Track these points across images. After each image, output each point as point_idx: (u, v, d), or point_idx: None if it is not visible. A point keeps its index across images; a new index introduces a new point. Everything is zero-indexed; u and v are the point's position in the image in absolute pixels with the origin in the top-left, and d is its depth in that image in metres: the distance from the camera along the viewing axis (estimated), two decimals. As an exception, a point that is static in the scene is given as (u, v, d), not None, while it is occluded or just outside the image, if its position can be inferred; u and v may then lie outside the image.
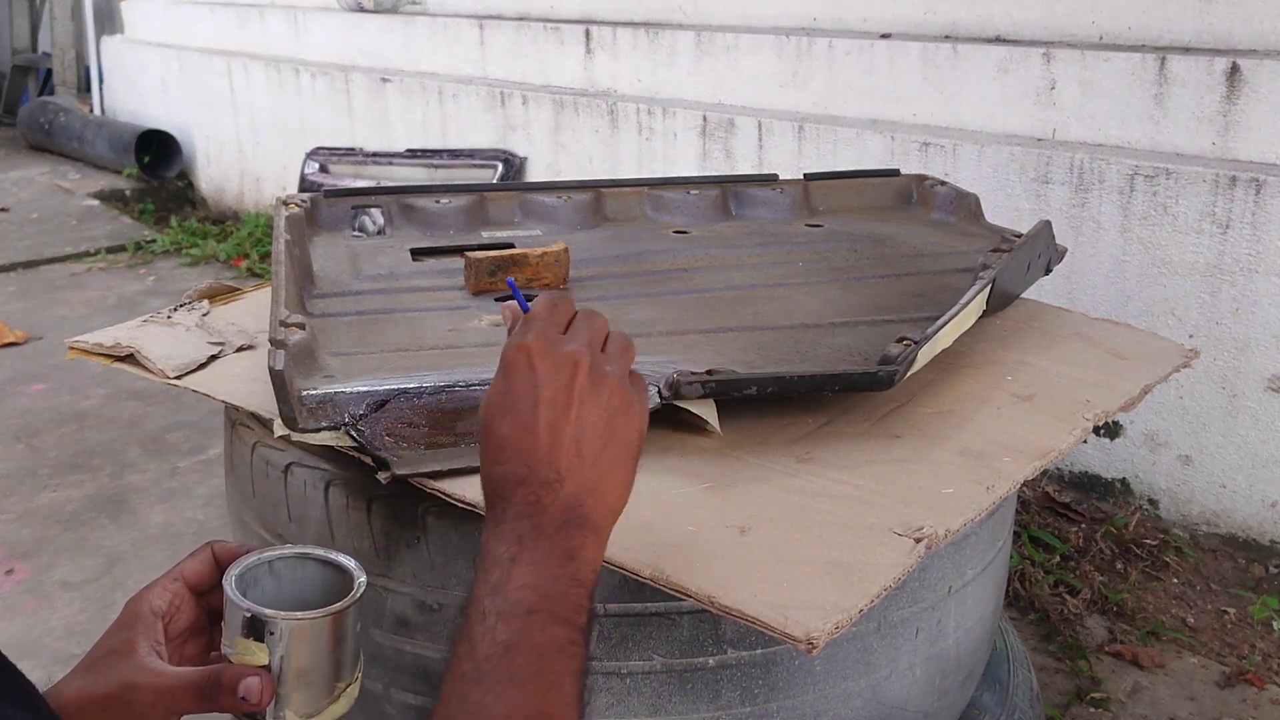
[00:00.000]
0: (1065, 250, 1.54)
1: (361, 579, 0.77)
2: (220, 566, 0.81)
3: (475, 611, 0.65)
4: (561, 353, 0.72)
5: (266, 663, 0.74)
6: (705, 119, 3.17)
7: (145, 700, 0.74)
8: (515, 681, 0.61)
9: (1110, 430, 2.46)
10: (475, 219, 1.58)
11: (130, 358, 1.22)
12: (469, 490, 0.93)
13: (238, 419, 1.19)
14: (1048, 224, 1.45)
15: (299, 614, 0.74)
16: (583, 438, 0.71)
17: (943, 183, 1.72)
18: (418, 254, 1.45)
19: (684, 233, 1.57)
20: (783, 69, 3.10)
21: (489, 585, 0.66)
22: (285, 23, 5.08)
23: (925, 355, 1.11)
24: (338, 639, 0.76)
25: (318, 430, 0.99)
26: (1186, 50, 2.40)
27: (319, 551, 0.80)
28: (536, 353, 0.72)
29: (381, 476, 0.96)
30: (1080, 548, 2.33)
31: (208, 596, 0.81)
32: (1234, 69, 2.26)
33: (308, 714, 0.76)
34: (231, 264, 4.66)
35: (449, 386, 1.02)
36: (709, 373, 1.03)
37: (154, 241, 5.01)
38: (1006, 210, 2.51)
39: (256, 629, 0.74)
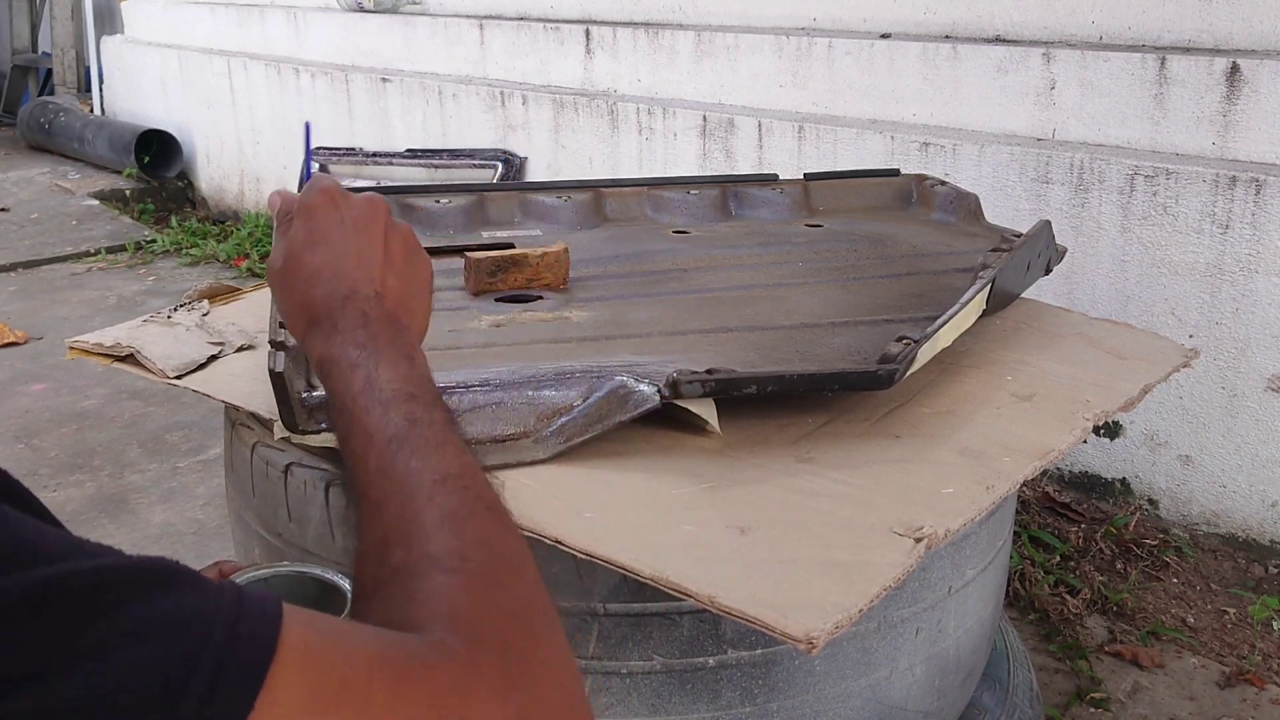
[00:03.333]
0: (1065, 250, 1.54)
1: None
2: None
3: (356, 409, 0.66)
4: (360, 197, 0.78)
5: None
6: (705, 119, 3.17)
7: None
8: (431, 447, 0.63)
9: (1110, 430, 2.46)
10: (475, 219, 1.58)
11: (130, 358, 1.22)
12: (469, 490, 0.93)
13: (238, 419, 1.19)
14: (1048, 224, 1.45)
15: None
16: (391, 261, 0.75)
17: (943, 183, 1.71)
18: (418, 254, 1.45)
19: (684, 233, 1.57)
20: (783, 69, 3.10)
21: (359, 384, 0.67)
22: (285, 22, 5.08)
23: (925, 355, 1.10)
24: None
25: (318, 431, 0.99)
26: (1186, 50, 2.40)
27: (316, 570, 0.80)
28: (338, 194, 0.77)
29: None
30: (1080, 548, 2.33)
31: None
32: (1234, 69, 2.26)
33: None
34: (231, 264, 4.66)
35: (449, 387, 1.02)
36: (709, 372, 1.03)
37: (154, 241, 5.01)
38: (1006, 210, 2.51)
39: None
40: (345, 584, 0.79)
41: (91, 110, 6.58)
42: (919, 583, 1.07)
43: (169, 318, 1.33)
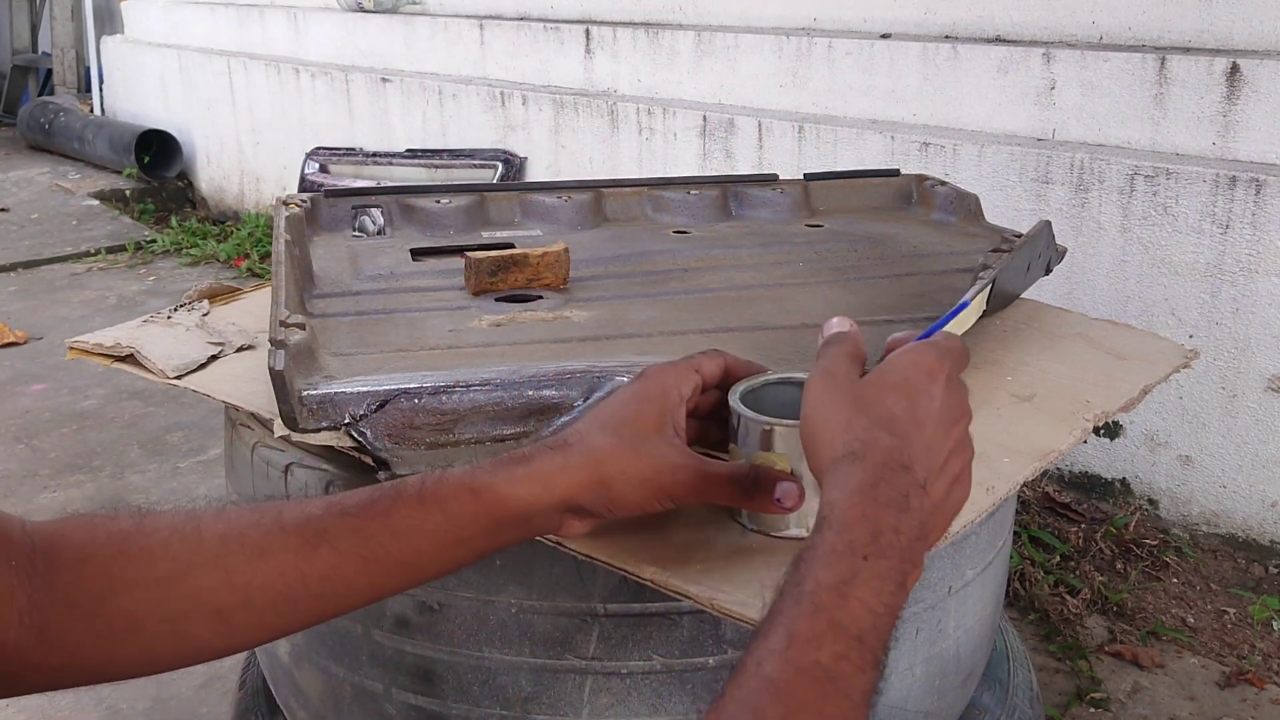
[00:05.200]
0: (1065, 250, 1.54)
1: None
2: (729, 376, 0.84)
3: (814, 588, 0.57)
4: (963, 397, 0.71)
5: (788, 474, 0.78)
6: (705, 119, 3.18)
7: (683, 481, 0.75)
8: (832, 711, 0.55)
9: (1110, 430, 2.46)
10: (475, 219, 1.58)
11: (130, 358, 1.21)
12: (469, 490, 0.93)
13: (238, 419, 1.19)
14: (1048, 224, 1.44)
15: None
16: (947, 468, 0.68)
17: (943, 183, 1.71)
18: (418, 254, 1.45)
19: (684, 233, 1.57)
20: (783, 69, 3.10)
21: (837, 573, 0.58)
22: (285, 23, 5.08)
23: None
24: None
25: (318, 430, 0.99)
26: (1186, 50, 2.40)
27: (799, 375, 0.84)
28: (949, 377, 0.70)
29: (381, 476, 0.96)
30: (1080, 548, 2.33)
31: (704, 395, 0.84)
32: (1234, 69, 2.27)
33: None
34: (231, 264, 4.66)
35: (449, 386, 1.02)
36: (709, 373, 1.03)
37: (154, 241, 5.01)
38: (1006, 210, 2.51)
39: (776, 442, 0.77)
40: None
41: (91, 110, 6.58)
42: (919, 583, 1.07)
43: (169, 318, 1.33)
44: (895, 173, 1.77)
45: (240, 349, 1.24)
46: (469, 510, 0.72)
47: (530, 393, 1.01)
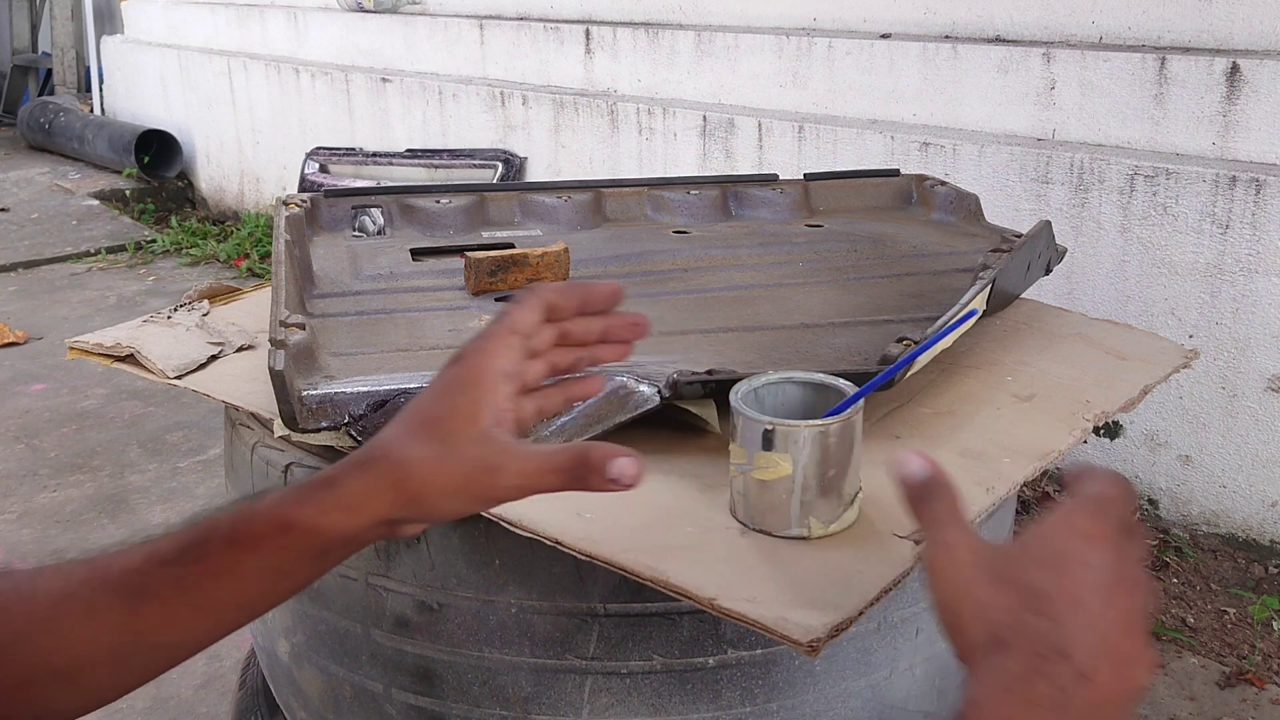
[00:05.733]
0: (1065, 250, 1.54)
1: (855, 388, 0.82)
2: (554, 313, 0.72)
3: None
4: (1134, 561, 0.60)
5: (790, 473, 0.78)
6: (705, 119, 3.18)
7: (501, 484, 0.67)
8: None
9: (1110, 430, 2.46)
10: (475, 219, 1.58)
11: (130, 358, 1.22)
12: (469, 490, 0.93)
13: (238, 419, 1.19)
14: (1048, 224, 1.44)
15: (821, 421, 0.78)
16: (1115, 651, 0.56)
17: (943, 183, 1.71)
18: (418, 254, 1.45)
19: (684, 233, 1.57)
20: (783, 69, 3.10)
21: None
22: (285, 23, 5.08)
23: (925, 355, 1.10)
24: (851, 445, 0.79)
25: (318, 430, 0.99)
26: (1186, 50, 2.40)
27: (799, 375, 0.86)
28: (1110, 539, 0.59)
29: (381, 477, 0.96)
30: (1080, 548, 2.33)
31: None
32: (1234, 69, 2.27)
33: (828, 521, 0.79)
34: (231, 264, 4.67)
35: (449, 387, 1.01)
36: (709, 372, 1.03)
37: (154, 241, 5.01)
38: (1006, 210, 2.51)
39: (778, 441, 0.78)
40: (836, 381, 0.84)
41: (91, 110, 6.58)
42: (919, 583, 1.07)
43: (169, 318, 1.33)
44: (895, 173, 1.77)
45: (240, 349, 1.25)
46: (283, 545, 0.67)
47: (530, 393, 1.01)
